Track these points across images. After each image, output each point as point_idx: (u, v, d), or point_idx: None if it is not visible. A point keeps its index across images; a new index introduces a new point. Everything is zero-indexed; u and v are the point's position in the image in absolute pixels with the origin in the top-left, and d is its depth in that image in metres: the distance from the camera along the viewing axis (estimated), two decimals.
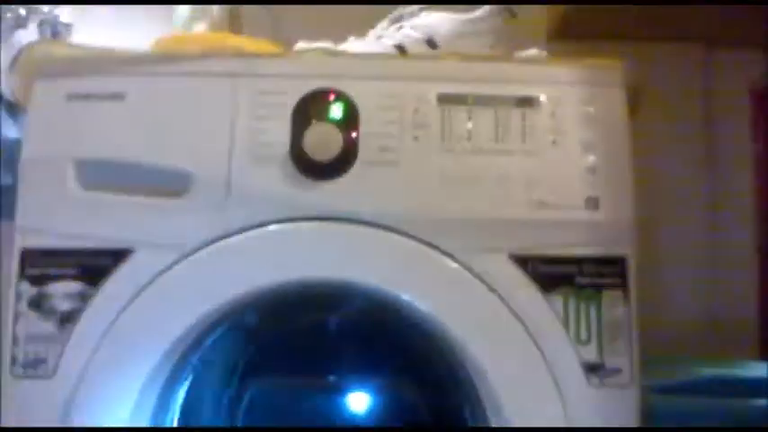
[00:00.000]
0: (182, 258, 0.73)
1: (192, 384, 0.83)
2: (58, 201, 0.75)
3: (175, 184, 0.74)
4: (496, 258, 0.74)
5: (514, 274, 0.73)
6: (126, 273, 0.73)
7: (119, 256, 0.73)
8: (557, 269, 0.74)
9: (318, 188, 0.75)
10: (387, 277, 0.73)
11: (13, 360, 0.72)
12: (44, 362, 0.72)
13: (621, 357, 0.73)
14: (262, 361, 0.90)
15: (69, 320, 0.72)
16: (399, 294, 0.73)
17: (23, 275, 0.73)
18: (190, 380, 0.83)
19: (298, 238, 0.74)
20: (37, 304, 0.72)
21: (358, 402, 0.94)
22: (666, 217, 1.32)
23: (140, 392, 0.72)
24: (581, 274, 0.74)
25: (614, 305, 0.74)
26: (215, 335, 0.79)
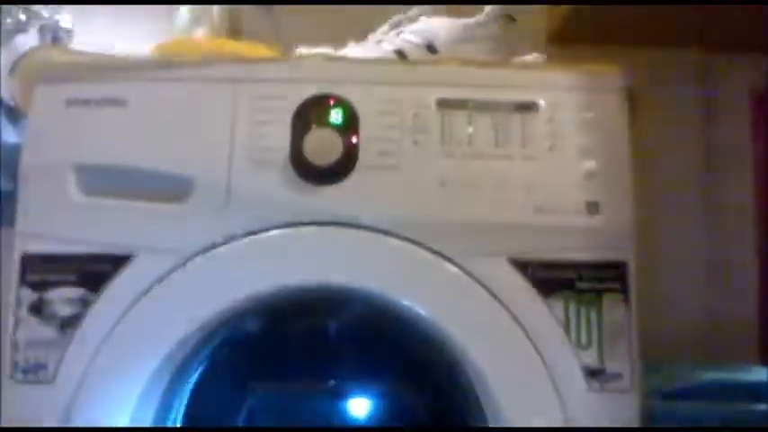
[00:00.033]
0: (182, 263, 0.73)
1: (193, 390, 0.83)
2: (59, 206, 0.75)
3: (176, 190, 0.74)
4: (496, 263, 0.74)
5: (514, 279, 0.73)
6: (126, 278, 0.73)
7: (119, 262, 0.73)
8: (556, 274, 0.74)
9: (318, 193, 0.75)
10: (387, 282, 0.73)
11: (14, 365, 0.72)
12: (44, 367, 0.71)
13: (622, 362, 0.73)
14: (262, 366, 0.90)
15: (70, 326, 0.72)
16: (399, 299, 0.73)
17: (24, 281, 0.73)
18: (190, 385, 0.83)
19: (298, 243, 0.74)
20: (37, 310, 0.72)
21: (358, 407, 0.94)
22: (666, 221, 1.32)
23: (140, 398, 0.72)
24: (581, 279, 0.74)
25: (614, 310, 0.74)
26: (215, 340, 0.79)
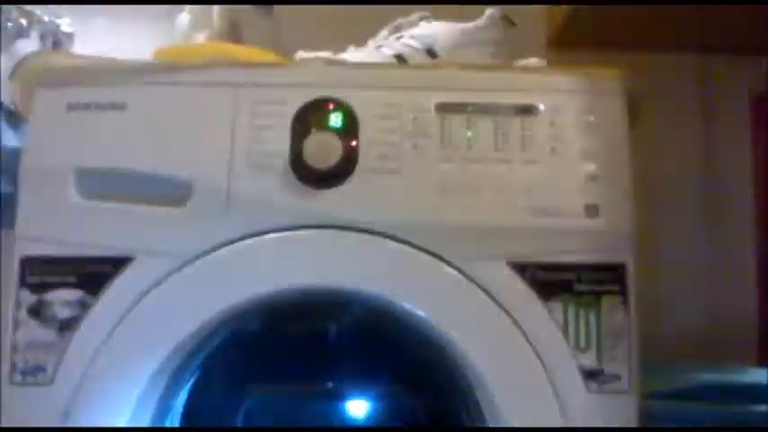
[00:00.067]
0: (182, 266, 0.73)
1: (192, 392, 0.83)
2: (59, 209, 0.75)
3: (176, 193, 0.74)
4: (496, 266, 0.74)
5: (514, 282, 0.73)
6: (126, 281, 0.73)
7: (119, 264, 0.73)
8: (556, 276, 0.74)
9: (318, 196, 0.75)
10: (386, 285, 0.73)
11: (13, 367, 0.72)
12: (43, 369, 0.72)
13: (621, 364, 0.73)
14: (260, 368, 0.90)
15: (69, 328, 0.72)
16: (399, 302, 0.73)
17: (23, 283, 0.73)
18: (189, 387, 0.83)
19: (298, 247, 0.74)
20: (37, 312, 0.73)
21: (357, 409, 0.94)
22: (666, 222, 1.33)
23: (139, 400, 0.72)
24: (580, 281, 0.74)
25: (614, 312, 0.74)
26: (214, 342, 0.79)
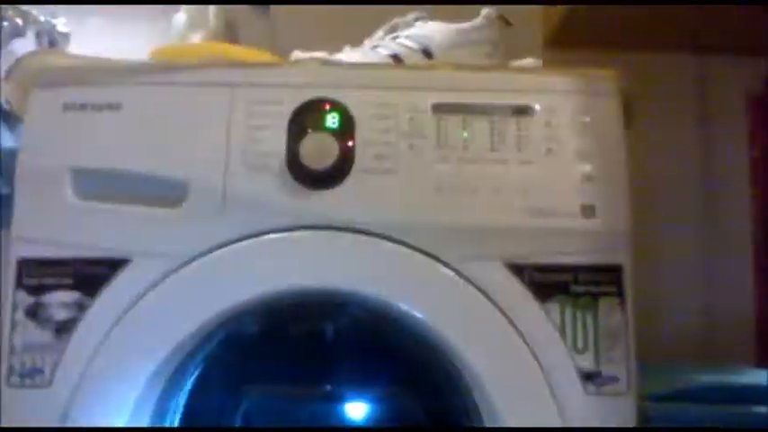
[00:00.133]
0: (179, 267, 0.73)
1: (190, 393, 0.83)
2: (55, 210, 0.75)
3: (172, 194, 0.74)
4: (492, 267, 0.74)
5: (510, 283, 0.73)
6: (123, 282, 0.73)
7: (115, 266, 0.73)
8: (552, 277, 0.74)
9: (315, 197, 0.75)
10: (383, 286, 0.73)
11: (10, 370, 0.72)
12: (41, 371, 0.71)
13: (618, 365, 0.73)
14: (258, 369, 0.90)
15: (66, 330, 0.72)
16: (396, 303, 0.73)
17: (20, 285, 0.73)
18: (187, 388, 0.83)
19: (294, 247, 0.74)
20: (34, 314, 0.72)
21: (355, 410, 0.94)
22: (664, 223, 1.33)
23: (137, 401, 0.71)
24: (577, 282, 0.74)
25: (611, 313, 0.74)
26: (211, 343, 0.79)
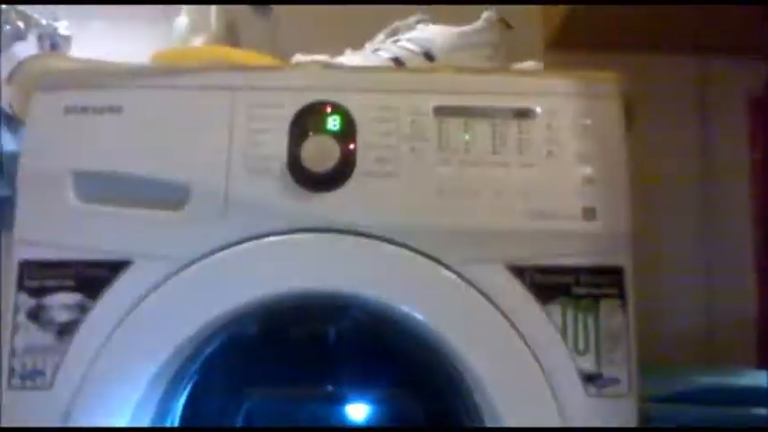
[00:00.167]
0: (180, 270, 0.73)
1: (191, 395, 0.83)
2: (57, 213, 0.75)
3: (173, 197, 0.74)
4: (494, 269, 0.74)
5: (512, 285, 0.73)
6: (124, 284, 0.73)
7: (117, 268, 0.73)
8: (554, 279, 0.74)
9: (316, 200, 0.75)
10: (384, 288, 0.73)
11: (11, 371, 0.72)
12: (42, 373, 0.71)
13: (619, 367, 0.73)
14: (260, 371, 0.90)
15: (67, 332, 0.72)
16: (397, 305, 0.73)
17: (22, 287, 0.73)
18: (188, 390, 0.83)
19: (296, 250, 0.74)
20: (35, 316, 0.72)
21: (356, 412, 0.94)
22: (664, 226, 1.33)
23: (138, 403, 0.71)
24: (578, 285, 0.74)
25: (612, 315, 0.74)
26: (213, 346, 0.79)
